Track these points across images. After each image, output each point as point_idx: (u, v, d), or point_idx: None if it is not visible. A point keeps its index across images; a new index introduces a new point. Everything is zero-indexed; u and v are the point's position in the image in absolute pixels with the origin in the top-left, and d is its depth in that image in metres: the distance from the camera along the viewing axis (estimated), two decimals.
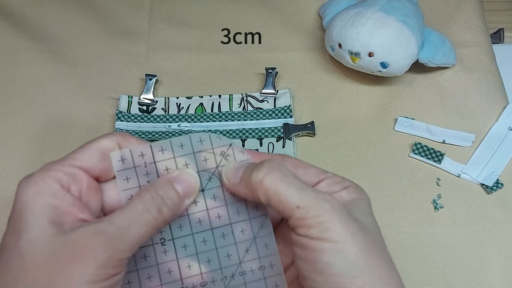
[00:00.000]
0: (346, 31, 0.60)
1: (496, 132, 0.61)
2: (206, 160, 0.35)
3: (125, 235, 0.30)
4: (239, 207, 0.35)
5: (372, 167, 0.59)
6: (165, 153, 0.34)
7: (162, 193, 0.32)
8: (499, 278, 0.52)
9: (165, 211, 0.32)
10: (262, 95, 0.64)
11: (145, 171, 0.34)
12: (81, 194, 0.32)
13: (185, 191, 0.33)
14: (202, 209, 0.35)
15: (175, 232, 0.34)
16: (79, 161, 0.33)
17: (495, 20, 0.84)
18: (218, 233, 0.35)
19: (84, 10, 0.72)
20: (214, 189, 0.35)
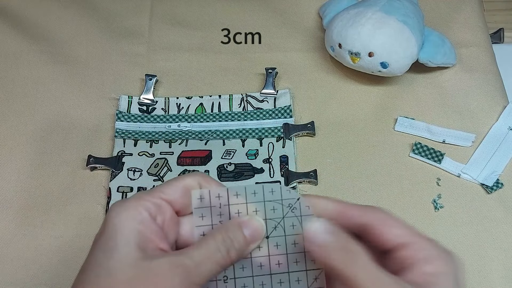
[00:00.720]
0: (346, 31, 0.60)
1: (496, 132, 0.61)
2: (274, 210, 0.38)
3: (199, 270, 0.33)
4: (298, 258, 0.37)
5: (372, 167, 0.59)
6: (239, 198, 0.37)
7: (232, 235, 0.35)
8: (499, 278, 0.52)
9: (232, 252, 0.35)
10: (262, 95, 0.64)
11: (219, 212, 0.37)
12: (164, 225, 0.35)
13: (252, 236, 0.36)
14: (264, 255, 0.37)
15: (237, 272, 0.37)
16: (166, 195, 0.36)
17: (495, 20, 0.84)
18: (276, 279, 0.37)
19: (85, 11, 0.72)
20: (277, 238, 0.38)
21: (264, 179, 0.57)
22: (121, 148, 0.60)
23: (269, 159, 0.59)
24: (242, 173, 0.58)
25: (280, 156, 0.59)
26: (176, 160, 0.59)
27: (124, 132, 0.61)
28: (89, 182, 0.58)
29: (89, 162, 0.58)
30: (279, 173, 0.58)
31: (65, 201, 0.57)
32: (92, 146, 0.60)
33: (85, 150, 0.60)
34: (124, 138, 0.61)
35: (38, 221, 0.56)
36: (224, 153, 0.59)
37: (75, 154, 0.60)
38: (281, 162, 0.59)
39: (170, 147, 0.60)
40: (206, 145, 0.60)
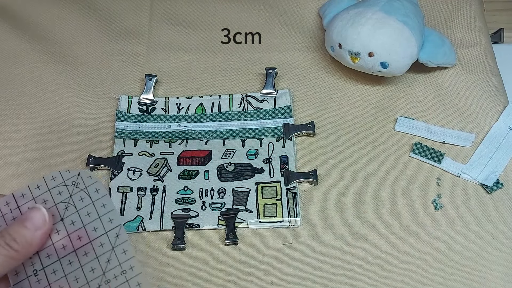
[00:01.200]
0: (346, 31, 0.60)
1: (496, 132, 0.61)
2: (60, 193, 0.42)
3: None
4: (96, 224, 0.41)
5: (372, 167, 0.59)
6: (26, 197, 0.42)
7: (12, 231, 0.39)
8: (499, 278, 0.52)
9: (15, 245, 0.38)
10: (262, 95, 0.64)
11: (11, 217, 0.41)
12: None
13: (34, 225, 0.39)
14: (63, 236, 0.41)
15: (44, 262, 0.40)
16: None
17: (495, 20, 0.84)
18: (81, 253, 0.41)
19: (85, 11, 0.72)
20: (71, 216, 0.41)
21: (264, 179, 0.57)
22: (121, 148, 0.60)
23: (269, 159, 0.59)
24: (242, 173, 0.58)
25: (280, 156, 0.59)
26: (176, 160, 0.59)
27: (124, 132, 0.61)
28: None
29: (89, 162, 0.58)
30: (279, 173, 0.58)
31: None
32: (92, 146, 0.60)
33: (85, 150, 0.60)
34: (124, 138, 0.61)
35: None
36: (224, 153, 0.59)
37: (75, 154, 0.60)
38: (281, 162, 0.59)
39: (170, 147, 0.60)
40: (206, 145, 0.60)
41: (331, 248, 0.53)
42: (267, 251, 0.53)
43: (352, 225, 0.55)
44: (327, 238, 0.54)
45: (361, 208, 0.56)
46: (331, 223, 0.55)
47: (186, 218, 0.54)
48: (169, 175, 0.58)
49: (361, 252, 0.53)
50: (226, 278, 0.52)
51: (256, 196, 0.56)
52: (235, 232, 0.54)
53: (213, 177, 0.58)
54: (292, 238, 0.54)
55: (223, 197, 0.56)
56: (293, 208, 0.55)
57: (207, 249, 0.54)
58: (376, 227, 0.55)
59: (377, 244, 0.54)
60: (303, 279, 0.52)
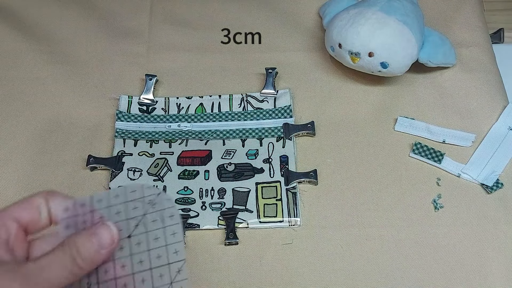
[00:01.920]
0: (346, 31, 0.60)
1: (496, 132, 0.61)
2: (135, 209, 0.39)
3: (43, 274, 0.35)
4: (160, 252, 0.39)
5: (372, 167, 0.59)
6: (102, 203, 0.40)
7: (79, 243, 0.37)
8: (499, 278, 0.52)
9: (79, 259, 0.36)
10: (262, 95, 0.64)
11: (83, 219, 0.39)
12: (9, 240, 0.37)
13: (100, 244, 0.37)
14: (126, 254, 0.39)
15: (100, 276, 0.38)
16: (11, 212, 0.38)
17: (495, 20, 0.84)
18: (138, 278, 0.38)
19: (85, 11, 0.72)
20: (139, 236, 0.39)
21: (264, 179, 0.57)
22: (121, 148, 0.60)
23: (269, 159, 0.59)
24: (242, 173, 0.58)
25: (280, 156, 0.59)
26: (176, 160, 0.59)
27: (124, 132, 0.61)
28: (89, 182, 0.58)
29: (89, 162, 0.58)
30: (279, 173, 0.58)
31: None
32: (92, 146, 0.60)
33: (85, 150, 0.60)
34: (124, 138, 0.61)
35: None
36: (224, 153, 0.59)
37: (75, 154, 0.60)
38: (281, 162, 0.59)
39: (170, 147, 0.60)
40: (206, 145, 0.60)
41: (331, 248, 0.53)
42: (267, 251, 0.53)
43: (352, 225, 0.55)
44: (327, 238, 0.54)
45: (361, 208, 0.56)
46: (331, 223, 0.55)
47: (186, 218, 0.54)
48: (169, 175, 0.58)
49: (361, 252, 0.53)
50: (226, 278, 0.52)
51: (256, 196, 0.56)
52: (235, 232, 0.54)
53: (213, 177, 0.58)
54: (292, 238, 0.54)
55: (223, 197, 0.56)
56: (293, 208, 0.55)
57: (207, 249, 0.53)
58: (376, 227, 0.55)
59: (377, 244, 0.54)
60: (303, 279, 0.52)
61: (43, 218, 0.39)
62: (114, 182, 0.57)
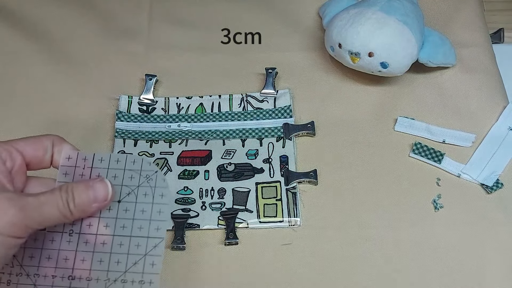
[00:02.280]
0: (346, 31, 0.60)
1: (496, 132, 0.60)
2: (131, 178, 0.42)
3: (40, 210, 0.37)
4: (143, 224, 0.41)
5: (372, 167, 0.59)
6: (102, 163, 0.42)
7: (76, 192, 0.39)
8: (499, 278, 0.52)
9: (71, 204, 0.39)
10: (262, 95, 0.64)
11: (81, 172, 0.42)
12: (12, 170, 0.40)
13: (95, 197, 0.40)
14: (112, 216, 0.41)
15: (83, 228, 0.41)
16: (19, 146, 0.41)
17: (495, 20, 0.83)
18: (117, 240, 0.41)
19: (84, 10, 0.72)
20: (128, 203, 0.41)
21: (264, 179, 0.57)
22: (121, 148, 0.60)
23: (269, 159, 0.59)
24: (242, 173, 0.58)
25: (280, 156, 0.59)
26: (176, 160, 0.59)
27: (124, 132, 0.61)
28: None
29: None
30: (279, 173, 0.58)
31: None
32: (92, 146, 0.60)
33: (85, 150, 0.59)
34: (124, 138, 0.61)
35: None
36: (224, 153, 0.59)
37: None
38: (281, 162, 0.59)
39: (170, 147, 0.60)
40: (206, 145, 0.60)
41: (331, 248, 0.53)
42: (267, 251, 0.53)
43: (352, 225, 0.55)
44: (327, 238, 0.54)
45: (361, 208, 0.56)
46: (331, 223, 0.55)
47: (186, 218, 0.54)
48: (169, 175, 0.58)
49: (360, 252, 0.53)
50: (226, 278, 0.52)
51: (256, 196, 0.56)
52: (235, 232, 0.54)
53: (213, 177, 0.58)
54: (292, 238, 0.54)
55: (223, 197, 0.56)
56: (293, 208, 0.55)
57: (207, 249, 0.54)
58: (376, 227, 0.55)
59: (377, 244, 0.54)
60: (302, 279, 0.52)
61: (46, 159, 0.42)
62: None
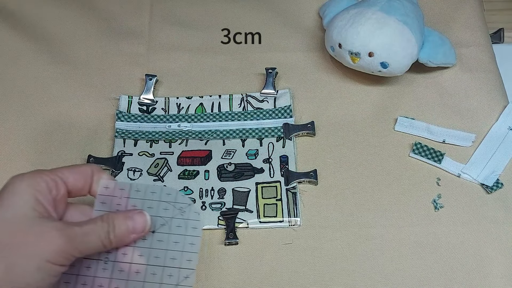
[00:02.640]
0: (346, 31, 0.60)
1: (496, 132, 0.61)
2: (166, 210, 0.43)
3: (83, 239, 0.39)
4: (176, 256, 0.43)
5: (372, 167, 0.59)
6: (138, 194, 0.44)
7: (116, 222, 0.41)
8: (499, 278, 0.52)
9: (112, 235, 0.40)
10: (262, 95, 0.64)
11: (118, 201, 0.43)
12: (56, 199, 0.41)
13: (133, 228, 0.41)
14: (147, 246, 0.43)
15: (119, 257, 0.42)
16: (63, 175, 0.42)
17: (495, 20, 0.83)
18: (150, 270, 0.42)
19: (85, 11, 0.72)
20: (162, 235, 0.43)
21: (264, 179, 0.57)
22: (121, 148, 0.60)
23: (269, 159, 0.59)
24: (242, 173, 0.58)
25: (280, 156, 0.59)
26: (176, 160, 0.59)
27: (124, 132, 0.61)
28: None
29: (89, 162, 0.58)
30: (279, 173, 0.58)
31: None
32: (92, 146, 0.60)
33: (85, 150, 0.60)
34: (124, 138, 0.61)
35: None
36: (224, 153, 0.59)
37: (75, 154, 0.60)
38: (281, 162, 0.59)
39: (170, 147, 0.60)
40: (206, 145, 0.60)
41: (331, 248, 0.53)
42: (267, 251, 0.53)
43: (352, 225, 0.55)
44: (327, 238, 0.54)
45: (361, 208, 0.56)
46: (331, 223, 0.55)
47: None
48: (169, 175, 0.58)
49: (361, 252, 0.53)
50: (226, 278, 0.52)
51: (256, 196, 0.56)
52: (235, 232, 0.54)
53: (213, 177, 0.58)
54: (292, 238, 0.54)
55: (223, 197, 0.56)
56: (293, 208, 0.55)
57: (207, 249, 0.54)
58: (376, 227, 0.55)
59: (377, 244, 0.54)
60: (303, 279, 0.52)
61: (85, 188, 0.43)
62: None
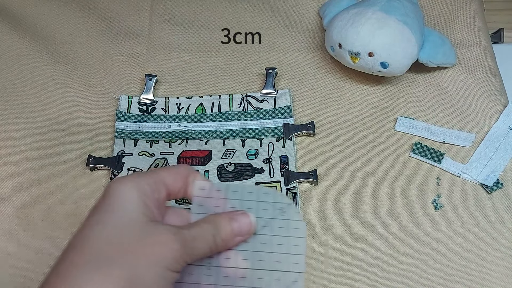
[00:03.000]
0: (346, 31, 0.60)
1: (496, 132, 0.61)
2: (266, 210, 0.41)
3: (194, 244, 0.36)
4: (281, 258, 0.40)
5: (372, 167, 0.59)
6: (236, 195, 0.41)
7: (221, 225, 0.38)
8: (499, 278, 0.52)
9: (218, 239, 0.38)
10: (262, 95, 0.64)
11: (216, 203, 0.40)
12: (158, 201, 0.38)
13: (239, 230, 0.39)
14: (250, 249, 0.40)
15: (222, 261, 0.39)
16: (163, 177, 0.39)
17: (495, 20, 0.83)
18: (256, 274, 0.39)
19: (85, 11, 0.72)
20: (264, 236, 0.40)
21: (264, 179, 0.57)
22: (121, 148, 0.60)
23: (269, 159, 0.59)
24: (242, 173, 0.58)
25: (280, 156, 0.59)
26: (176, 160, 0.59)
27: (124, 132, 0.61)
28: (89, 182, 0.58)
29: (89, 162, 0.58)
30: (279, 173, 0.58)
31: (65, 201, 0.57)
32: (92, 146, 0.60)
33: (85, 150, 0.60)
34: (124, 138, 0.61)
35: (38, 220, 0.56)
36: (224, 153, 0.59)
37: (75, 154, 0.60)
38: (281, 162, 0.59)
39: (170, 147, 0.60)
40: (206, 145, 0.60)
41: (331, 248, 0.53)
42: None
43: (352, 225, 0.55)
44: (327, 238, 0.54)
45: (361, 208, 0.56)
46: (331, 223, 0.55)
47: None
48: None
49: (361, 252, 0.53)
50: None
51: None
52: None
53: (213, 177, 0.58)
54: None
55: None
56: None
57: None
58: (376, 227, 0.55)
59: (377, 244, 0.54)
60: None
61: (182, 190, 0.40)
62: None
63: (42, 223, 0.55)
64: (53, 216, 0.56)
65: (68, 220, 0.56)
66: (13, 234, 0.55)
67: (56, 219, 0.56)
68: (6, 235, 0.55)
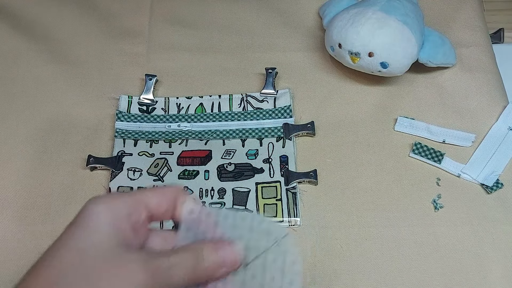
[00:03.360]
0: (346, 31, 0.60)
1: (496, 132, 0.60)
2: (258, 240, 0.37)
3: (169, 272, 0.34)
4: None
5: (372, 167, 0.59)
6: (228, 220, 0.38)
7: (205, 254, 0.36)
8: (499, 278, 0.52)
9: (199, 269, 0.35)
10: (262, 95, 0.64)
11: (205, 228, 0.38)
12: (136, 224, 0.36)
13: (223, 261, 0.36)
14: (238, 282, 0.37)
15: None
16: (144, 197, 0.37)
17: (495, 20, 0.84)
18: None
19: (85, 11, 0.72)
20: (256, 269, 0.37)
21: (264, 179, 0.57)
22: (121, 148, 0.60)
23: (269, 159, 0.59)
24: (242, 173, 0.58)
25: (280, 156, 0.59)
26: (176, 160, 0.59)
27: (124, 132, 0.61)
28: (89, 182, 0.58)
29: (89, 162, 0.58)
30: (279, 173, 0.58)
31: (65, 201, 0.57)
32: (92, 146, 0.60)
33: (85, 150, 0.60)
34: (124, 138, 0.61)
35: (38, 220, 0.56)
36: (224, 153, 0.59)
37: (75, 154, 0.60)
38: (281, 162, 0.59)
39: (170, 147, 0.60)
40: (206, 145, 0.60)
41: (331, 248, 0.53)
42: None
43: (352, 225, 0.55)
44: (327, 238, 0.54)
45: (361, 208, 0.56)
46: (331, 222, 0.55)
47: None
48: (169, 175, 0.58)
49: (361, 252, 0.53)
50: None
51: (256, 196, 0.56)
52: None
53: (213, 177, 0.58)
54: None
55: (223, 197, 0.56)
56: (293, 208, 0.55)
57: None
58: (376, 226, 0.55)
59: (377, 244, 0.54)
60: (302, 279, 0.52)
61: (168, 212, 0.38)
62: (114, 182, 0.57)
63: (42, 223, 0.55)
64: (53, 216, 0.56)
65: (68, 220, 0.56)
66: (13, 234, 0.55)
67: (56, 219, 0.56)
68: (6, 235, 0.55)
